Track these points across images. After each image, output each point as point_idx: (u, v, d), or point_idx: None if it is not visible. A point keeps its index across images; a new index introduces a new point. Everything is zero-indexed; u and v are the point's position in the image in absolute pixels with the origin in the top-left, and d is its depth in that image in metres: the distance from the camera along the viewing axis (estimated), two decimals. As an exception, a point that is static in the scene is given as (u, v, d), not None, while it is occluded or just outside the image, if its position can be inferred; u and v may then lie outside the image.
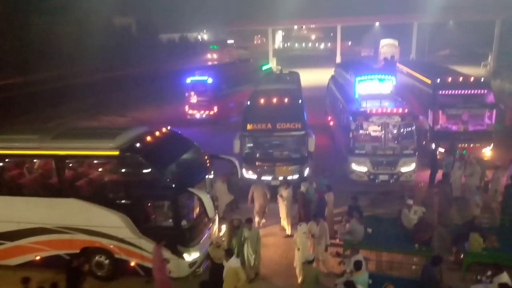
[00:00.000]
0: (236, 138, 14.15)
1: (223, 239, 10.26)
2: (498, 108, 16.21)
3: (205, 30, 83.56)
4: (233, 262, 8.23)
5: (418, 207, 11.34)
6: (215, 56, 66.86)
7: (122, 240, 9.63)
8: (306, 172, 14.23)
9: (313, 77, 40.87)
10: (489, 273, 8.56)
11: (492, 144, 15.95)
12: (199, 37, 79.79)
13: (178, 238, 9.40)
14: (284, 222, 12.11)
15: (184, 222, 9.53)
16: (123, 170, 9.66)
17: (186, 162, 10.60)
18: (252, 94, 16.90)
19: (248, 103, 15.61)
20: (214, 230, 10.90)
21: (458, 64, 32.76)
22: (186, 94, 25.18)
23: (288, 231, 11.93)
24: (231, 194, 12.88)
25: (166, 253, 9.26)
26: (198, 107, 24.70)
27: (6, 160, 10.57)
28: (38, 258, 10.26)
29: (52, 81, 41.12)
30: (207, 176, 10.93)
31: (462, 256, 10.12)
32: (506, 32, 47.91)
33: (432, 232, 10.49)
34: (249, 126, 14.30)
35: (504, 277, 8.12)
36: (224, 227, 11.08)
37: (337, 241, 10.98)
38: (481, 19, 51.12)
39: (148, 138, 10.20)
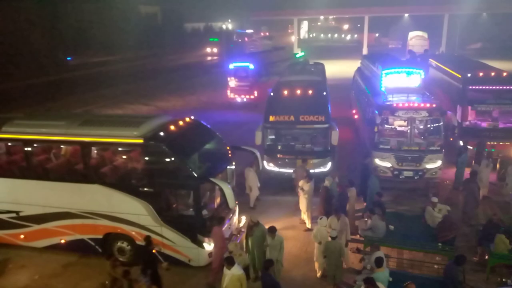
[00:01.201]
0: (258, 130, 14.11)
1: (242, 229, 10.29)
2: (532, 105, 15.55)
3: (230, 20, 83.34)
4: (236, 270, 7.92)
5: (443, 205, 11.07)
6: (215, 50, 61.16)
7: (144, 227, 9.79)
8: (329, 166, 14.08)
9: (339, 69, 40.40)
10: (515, 276, 8.34)
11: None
12: (224, 26, 79.66)
13: (199, 227, 9.49)
14: (305, 216, 12.05)
15: (205, 212, 9.60)
16: (146, 159, 9.78)
17: (209, 152, 10.66)
18: (275, 85, 16.79)
19: (271, 94, 15.50)
20: (234, 221, 10.95)
21: (491, 58, 31.65)
22: (228, 79, 26.70)
23: (309, 225, 11.87)
24: None
25: (186, 242, 9.38)
26: (239, 91, 26.25)
27: (35, 145, 10.84)
28: (63, 241, 10.56)
29: (85, 68, 42.71)
30: (229, 167, 10.95)
31: (486, 257, 9.84)
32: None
33: (456, 232, 10.25)
34: (271, 118, 14.23)
35: (531, 281, 7.88)
36: (244, 218, 11.12)
37: (358, 237, 10.84)
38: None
39: (172, 128, 10.28)
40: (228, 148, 11.19)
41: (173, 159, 9.46)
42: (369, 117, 15.16)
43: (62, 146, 11.36)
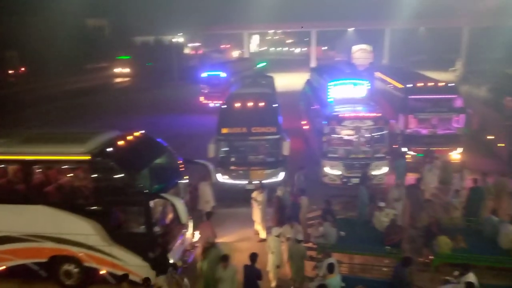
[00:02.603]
0: (211, 142, 14.10)
1: (196, 244, 10.17)
2: (466, 113, 16.76)
3: (180, 34, 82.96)
4: None
5: (390, 210, 11.55)
6: (124, 70, 53.35)
7: (92, 248, 9.40)
8: (281, 176, 14.31)
9: (288, 81, 41.35)
10: (456, 273, 8.83)
11: (460, 148, 16.44)
12: (174, 40, 79.04)
13: (150, 245, 9.25)
14: (258, 226, 12.12)
15: (156, 228, 9.39)
16: (94, 176, 9.44)
17: (159, 166, 10.48)
18: (227, 98, 16.90)
19: (223, 107, 15.58)
20: (188, 236, 10.79)
21: (429, 69, 33.70)
22: (201, 86, 29.48)
23: (263, 235, 11.94)
24: None
25: (137, 260, 9.12)
26: (211, 97, 28.34)
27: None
28: (2, 268, 9.88)
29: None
30: (181, 181, 10.82)
31: (431, 257, 10.36)
32: (473, 40, 49.74)
33: (402, 234, 10.72)
34: (224, 130, 14.31)
35: (470, 277, 8.37)
36: (198, 234, 11.00)
37: (311, 244, 11.05)
38: (450, 26, 52.85)
39: (120, 143, 10.02)
40: (180, 162, 11.06)
41: (122, 175, 9.20)
42: (318, 127, 15.63)
43: (2, 166, 10.72)
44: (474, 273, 8.56)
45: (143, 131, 11.11)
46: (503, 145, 17.33)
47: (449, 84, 17.93)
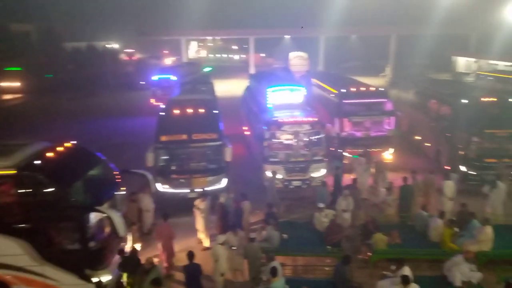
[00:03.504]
0: (149, 151, 13.68)
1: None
2: (396, 115, 17.83)
3: (115, 40, 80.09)
4: None
5: (329, 210, 11.93)
6: (16, 84, 41.70)
7: (21, 269, 8.68)
8: (224, 182, 14.23)
9: (229, 88, 41.53)
10: (393, 267, 9.30)
11: (392, 148, 17.43)
12: (108, 46, 76.03)
13: (86, 261, 8.74)
14: (202, 235, 11.93)
15: (92, 244, 8.88)
16: (21, 191, 8.74)
17: (94, 178, 9.94)
18: (166, 105, 16.52)
19: (162, 113, 15.20)
20: (127, 249, 10.33)
21: (361, 75, 35.49)
22: (153, 89, 30.51)
23: (206, 244, 11.77)
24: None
25: (73, 279, 8.57)
26: (162, 99, 27.71)
27: None
28: None
29: None
30: (117, 193, 10.35)
31: (369, 254, 10.82)
32: (400, 47, 53.23)
33: (342, 234, 11.10)
34: (163, 138, 13.95)
35: (405, 270, 8.85)
36: (139, 246, 10.59)
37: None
38: (379, 34, 56.13)
39: (49, 155, 9.39)
40: (116, 172, 10.60)
41: (52, 189, 8.61)
42: (258, 132, 15.79)
43: None
44: (410, 266, 9.10)
45: (74, 142, 10.51)
46: (430, 144, 18.64)
47: (379, 89, 18.98)
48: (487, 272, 9.73)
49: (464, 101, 16.47)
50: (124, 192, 10.78)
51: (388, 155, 17.32)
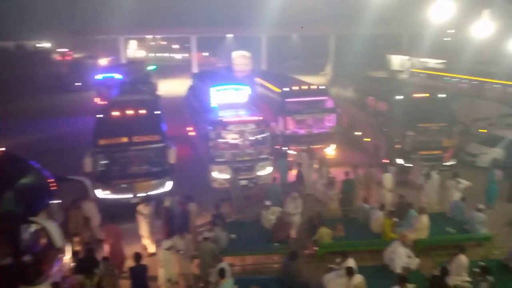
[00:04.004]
0: (86, 156, 12.98)
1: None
2: (337, 112, 18.42)
3: (47, 39, 75.21)
4: None
5: (276, 208, 12.05)
6: None
7: None
8: (169, 185, 13.87)
9: (172, 87, 40.78)
10: (338, 260, 9.57)
11: (333, 144, 17.98)
12: (40, 46, 71.17)
13: (21, 277, 8.10)
14: (146, 241, 11.54)
15: (26, 257, 8.26)
16: None
17: (26, 188, 9.24)
18: (104, 107, 15.78)
19: (100, 116, 14.49)
20: (66, 261, 9.74)
21: (303, 74, 36.32)
22: (97, 88, 29.73)
23: (152, 250, 11.41)
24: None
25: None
26: (107, 98, 27.34)
27: None
28: None
29: None
30: (53, 202, 9.72)
31: (315, 248, 11.06)
32: (339, 46, 55.15)
33: (289, 230, 11.25)
34: (102, 141, 13.31)
35: (350, 262, 9.16)
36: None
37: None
38: (318, 34, 57.77)
39: (-27, 164, 8.60)
40: (51, 180, 9.93)
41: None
42: (204, 132, 15.60)
43: None
44: (354, 258, 9.42)
45: (2, 149, 9.71)
46: (369, 139, 19.47)
47: (320, 87, 19.49)
48: (424, 258, 10.34)
49: (398, 97, 17.36)
50: (60, 201, 10.14)
51: (330, 151, 17.86)
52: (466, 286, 9.13)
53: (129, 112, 14.31)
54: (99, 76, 31.13)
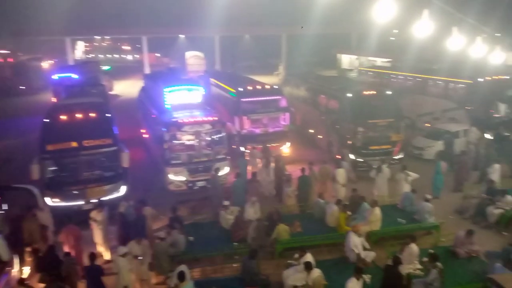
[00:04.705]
0: (34, 162, 12.32)
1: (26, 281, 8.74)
2: (290, 111, 18.72)
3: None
4: None
5: (234, 207, 12.07)
6: None
7: None
8: (123, 190, 13.48)
9: (124, 89, 39.71)
10: (296, 256, 9.75)
11: (288, 142, 18.27)
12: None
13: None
14: (101, 248, 11.15)
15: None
16: None
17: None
18: (50, 110, 15.03)
19: (46, 120, 13.79)
20: (14, 274, 9.20)
21: (257, 74, 36.58)
22: (53, 87, 28.79)
23: (107, 257, 11.04)
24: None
25: None
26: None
27: None
28: None
29: None
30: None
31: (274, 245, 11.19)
32: (290, 46, 56.04)
33: (248, 229, 11.28)
34: (50, 147, 12.69)
35: (308, 257, 9.37)
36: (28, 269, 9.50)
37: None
38: (270, 34, 58.36)
39: None
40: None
41: None
42: (158, 134, 15.30)
43: None
44: (312, 252, 9.64)
45: None
46: (322, 136, 19.96)
47: (274, 87, 19.74)
48: (378, 249, 10.77)
49: (349, 95, 17.94)
50: (3, 211, 9.56)
51: (285, 149, 18.13)
52: (418, 273, 9.59)
53: (78, 115, 13.75)
54: (55, 76, 30.50)
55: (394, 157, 16.85)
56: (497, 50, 22.50)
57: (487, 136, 18.96)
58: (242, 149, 17.08)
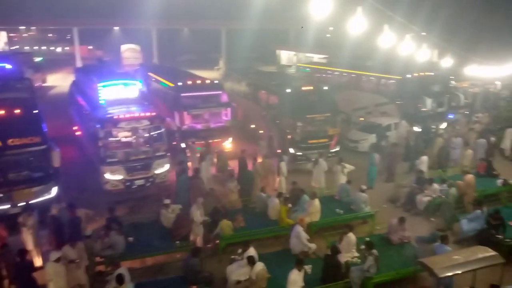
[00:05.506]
0: None
1: None
2: (232, 106, 18.67)
3: None
4: None
5: (175, 205, 11.83)
6: None
7: None
8: (54, 191, 12.63)
9: (54, 83, 37.32)
10: (239, 250, 9.77)
11: (230, 138, 18.23)
12: None
13: None
14: (32, 253, 10.39)
15: None
16: None
17: None
18: None
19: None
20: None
21: (197, 68, 36.04)
22: None
23: (39, 263, 10.31)
24: None
25: None
26: None
27: None
28: None
29: None
30: None
31: (217, 242, 11.11)
32: (230, 41, 55.90)
33: (190, 227, 11.10)
34: None
35: (251, 251, 9.42)
36: None
37: (98, 258, 10.19)
38: (209, 27, 57.79)
39: None
40: None
41: None
42: (92, 131, 14.53)
43: None
44: (256, 246, 9.71)
45: None
46: (263, 131, 20.15)
47: (215, 81, 19.57)
48: (318, 240, 11.11)
49: (287, 90, 18.26)
50: None
51: (228, 144, 18.07)
52: (356, 261, 10.03)
53: (1, 112, 12.64)
54: None
55: (331, 150, 17.45)
56: (423, 48, 24.13)
57: (416, 128, 20.27)
58: (183, 145, 16.75)
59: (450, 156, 17.32)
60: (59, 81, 36.76)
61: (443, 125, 21.86)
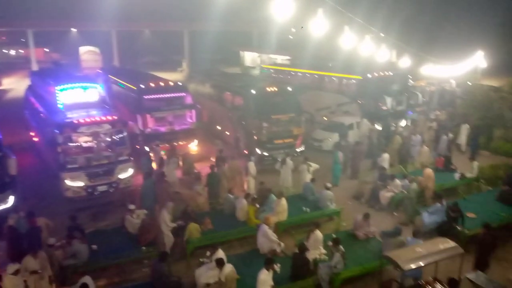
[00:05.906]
0: None
1: None
2: (196, 108, 18.49)
3: None
4: None
5: (140, 211, 11.56)
6: None
7: None
8: (11, 201, 12.02)
9: (7, 88, 35.63)
10: (208, 253, 9.66)
11: (196, 140, 18.03)
12: None
13: None
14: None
15: None
16: None
17: None
18: None
19: None
20: None
21: (159, 70, 35.45)
22: None
23: (-5, 277, 9.77)
24: None
25: None
26: None
27: None
28: None
29: None
30: None
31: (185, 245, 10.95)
32: (193, 42, 55.41)
33: (156, 231, 10.88)
34: None
35: (219, 253, 9.34)
36: None
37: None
38: (171, 29, 56.95)
39: None
40: None
41: None
42: (50, 137, 13.95)
43: None
44: (224, 248, 9.63)
45: None
46: (229, 133, 20.10)
47: (178, 83, 19.31)
48: (286, 239, 11.19)
49: (252, 92, 18.31)
50: None
51: (193, 146, 17.87)
52: (323, 258, 10.17)
53: None
54: None
55: (296, 150, 17.66)
56: (382, 49, 24.87)
57: (377, 127, 20.87)
58: (146, 148, 16.41)
59: (410, 153, 17.95)
60: (13, 85, 35.13)
61: (403, 123, 22.62)
